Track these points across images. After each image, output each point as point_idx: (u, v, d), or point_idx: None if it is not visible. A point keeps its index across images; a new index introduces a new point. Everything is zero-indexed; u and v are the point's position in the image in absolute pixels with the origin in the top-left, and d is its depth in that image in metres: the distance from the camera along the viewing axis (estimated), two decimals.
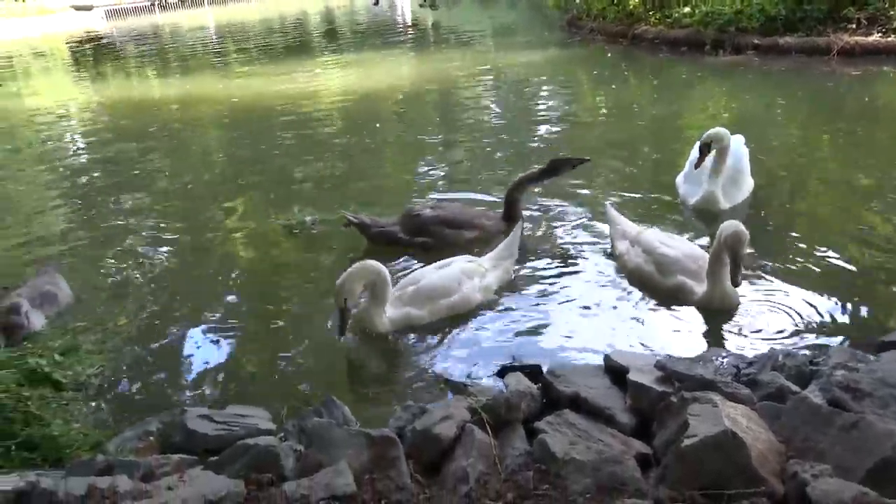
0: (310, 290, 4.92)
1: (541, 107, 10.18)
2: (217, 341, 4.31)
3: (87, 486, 2.53)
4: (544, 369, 3.50)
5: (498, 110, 10.34)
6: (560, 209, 5.93)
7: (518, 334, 4.17)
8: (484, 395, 3.25)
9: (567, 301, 4.50)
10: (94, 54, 22.33)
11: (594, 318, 4.29)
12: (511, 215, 5.44)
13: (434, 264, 4.58)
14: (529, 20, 21.55)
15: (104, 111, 12.59)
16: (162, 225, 6.37)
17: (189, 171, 8.28)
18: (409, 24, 23.19)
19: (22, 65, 21.40)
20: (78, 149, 10.00)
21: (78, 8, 33.80)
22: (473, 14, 25.51)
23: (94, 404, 3.64)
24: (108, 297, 4.95)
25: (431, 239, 5.24)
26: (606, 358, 3.41)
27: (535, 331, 4.20)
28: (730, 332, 4.02)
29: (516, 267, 4.85)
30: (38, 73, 19.66)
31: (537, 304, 4.49)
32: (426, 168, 7.64)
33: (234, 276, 5.21)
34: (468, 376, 3.76)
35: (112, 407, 3.65)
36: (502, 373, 3.65)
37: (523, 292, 4.65)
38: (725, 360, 3.31)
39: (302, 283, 5.07)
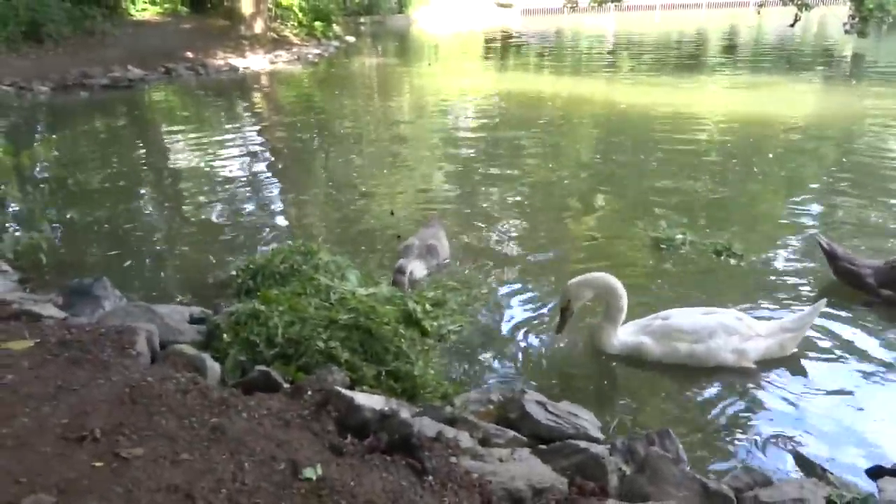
0: (656, 308, 4.69)
1: None
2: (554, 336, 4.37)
3: (436, 430, 2.78)
4: None
5: None
6: None
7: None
8: (849, 492, 2.82)
9: None
10: (501, 47, 24.73)
11: None
12: None
13: (702, 309, 4.22)
14: None
15: (499, 99, 13.84)
16: (528, 211, 6.72)
17: (565, 165, 8.63)
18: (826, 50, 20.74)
19: (445, 50, 24.74)
20: (469, 127, 11.15)
21: (500, 4, 37.81)
22: None
23: (448, 358, 4.01)
24: (474, 263, 5.38)
25: None
26: None
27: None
28: None
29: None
30: (455, 58, 22.47)
31: None
32: (810, 210, 6.73)
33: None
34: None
35: (462, 365, 3.98)
36: (877, 473, 3.11)
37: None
38: None
39: (654, 299, 4.85)
